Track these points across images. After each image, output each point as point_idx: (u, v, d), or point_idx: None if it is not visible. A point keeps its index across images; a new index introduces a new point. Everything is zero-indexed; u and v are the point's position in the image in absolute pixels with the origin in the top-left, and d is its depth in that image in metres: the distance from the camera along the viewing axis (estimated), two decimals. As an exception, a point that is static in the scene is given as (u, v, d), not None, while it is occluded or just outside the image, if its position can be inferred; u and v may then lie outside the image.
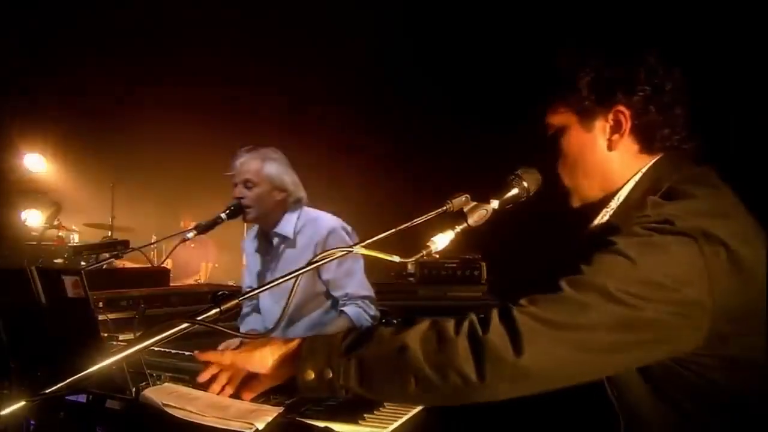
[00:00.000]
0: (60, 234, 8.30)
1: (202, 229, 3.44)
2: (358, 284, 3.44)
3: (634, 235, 1.57)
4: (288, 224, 3.49)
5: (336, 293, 3.42)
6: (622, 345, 1.52)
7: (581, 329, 1.51)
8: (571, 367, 1.53)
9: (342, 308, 3.38)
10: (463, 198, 1.93)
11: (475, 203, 1.92)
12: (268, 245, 3.57)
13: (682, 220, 1.55)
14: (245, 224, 5.91)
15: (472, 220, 1.90)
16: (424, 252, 1.90)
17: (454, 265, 5.63)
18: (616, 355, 1.54)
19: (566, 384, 1.55)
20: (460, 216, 1.91)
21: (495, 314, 1.59)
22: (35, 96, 8.62)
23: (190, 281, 8.15)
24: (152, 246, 6.68)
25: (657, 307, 1.50)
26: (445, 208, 1.94)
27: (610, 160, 1.82)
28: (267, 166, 3.44)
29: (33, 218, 8.98)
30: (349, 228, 3.54)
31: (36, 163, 9.86)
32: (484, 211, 1.91)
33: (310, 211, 3.61)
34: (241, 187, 3.45)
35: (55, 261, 7.76)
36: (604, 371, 1.64)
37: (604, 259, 1.56)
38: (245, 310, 3.71)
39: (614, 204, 1.82)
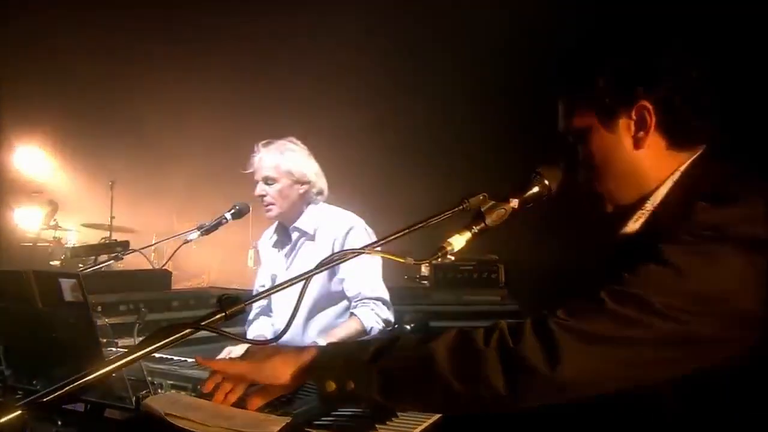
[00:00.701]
0: (56, 235, 8.36)
1: (206, 230, 3.46)
2: (373, 285, 3.45)
3: (681, 243, 1.54)
4: (309, 218, 3.56)
5: (350, 293, 3.44)
6: (667, 361, 1.51)
7: (624, 345, 1.49)
8: (610, 381, 1.53)
9: (353, 310, 3.39)
10: (480, 197, 1.91)
11: (493, 202, 1.89)
12: (287, 240, 3.62)
13: (732, 227, 1.52)
14: (251, 225, 5.93)
15: (490, 219, 1.87)
16: (439, 254, 1.89)
17: (471, 267, 5.61)
18: (659, 370, 1.53)
19: (599, 393, 1.55)
20: (477, 215, 1.89)
21: (528, 325, 1.57)
22: (29, 84, 8.65)
23: (194, 284, 8.18)
24: (153, 247, 6.70)
25: (705, 321, 1.49)
26: (461, 207, 1.92)
27: (639, 160, 1.78)
28: (286, 160, 3.49)
29: (28, 218, 8.99)
30: (369, 229, 3.57)
31: (30, 158, 9.88)
32: (503, 210, 1.88)
33: (331, 208, 3.68)
34: (262, 184, 3.48)
35: (52, 263, 7.83)
36: (643, 382, 1.62)
37: (649, 269, 1.53)
38: (254, 312, 3.71)
39: (649, 206, 1.78)
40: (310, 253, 3.53)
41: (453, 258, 6.15)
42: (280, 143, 3.55)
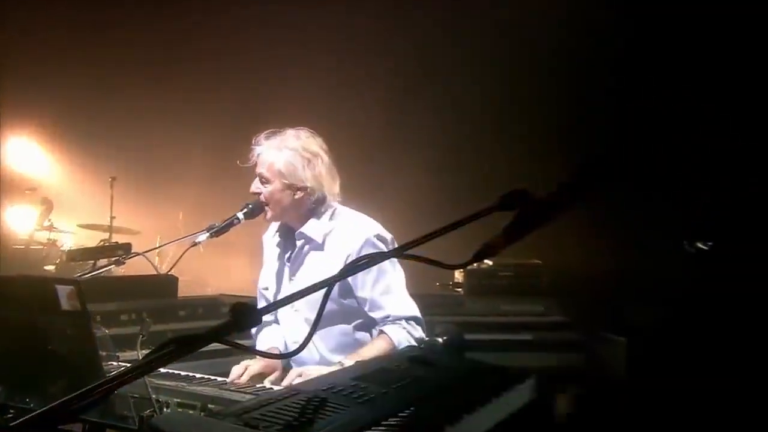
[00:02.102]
0: (51, 236, 8.44)
1: (216, 232, 3.45)
2: (400, 303, 3.38)
3: None
4: (315, 227, 3.45)
5: (375, 314, 3.37)
6: None
7: None
8: None
9: (382, 327, 3.34)
10: (519, 194, 1.90)
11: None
12: (291, 244, 3.55)
13: None
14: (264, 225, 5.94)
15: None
16: (475, 257, 1.86)
17: (510, 273, 5.59)
18: None
19: None
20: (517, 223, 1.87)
21: None
22: (21, 70, 8.74)
23: (202, 291, 8.23)
24: (158, 250, 6.73)
25: None
26: (498, 206, 1.90)
27: None
28: (281, 160, 3.37)
29: (20, 218, 9.08)
30: (388, 237, 3.44)
31: (22, 151, 9.97)
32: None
33: (344, 213, 3.54)
34: (257, 181, 3.43)
35: (46, 268, 7.91)
36: None
37: None
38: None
39: None
40: (318, 265, 3.43)
41: (490, 262, 6.16)
42: (283, 137, 3.42)
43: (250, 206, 3.48)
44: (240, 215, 3.47)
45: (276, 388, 2.70)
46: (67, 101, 9.04)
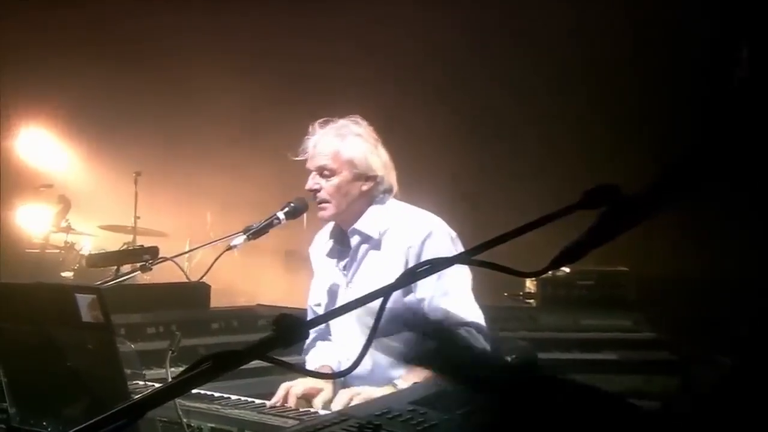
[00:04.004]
0: (69, 239, 8.56)
1: (254, 233, 3.47)
2: (463, 306, 3.39)
3: None
4: (372, 220, 3.47)
5: (433, 318, 3.39)
6: None
7: None
8: None
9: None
10: (606, 190, 1.87)
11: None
12: (345, 246, 3.57)
13: None
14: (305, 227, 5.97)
15: None
16: (553, 263, 1.84)
17: (591, 282, 5.54)
18: None
19: None
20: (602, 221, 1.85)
21: None
22: (37, 56, 8.90)
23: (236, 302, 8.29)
24: (188, 255, 6.80)
25: None
26: (579, 204, 1.88)
27: None
28: (348, 147, 3.43)
29: (34, 219, 9.20)
30: (452, 233, 3.50)
31: (37, 144, 10.12)
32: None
33: (401, 206, 3.59)
34: (316, 175, 3.45)
35: (63, 275, 8.03)
36: None
37: None
38: (309, 338, 3.72)
39: None
40: (375, 265, 3.47)
41: (568, 270, 6.11)
42: (341, 124, 3.49)
43: (293, 205, 3.50)
44: (281, 215, 3.50)
45: (324, 412, 2.71)
46: (85, 89, 9.16)
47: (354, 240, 3.51)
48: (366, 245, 3.49)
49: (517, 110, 8.00)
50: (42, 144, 10.14)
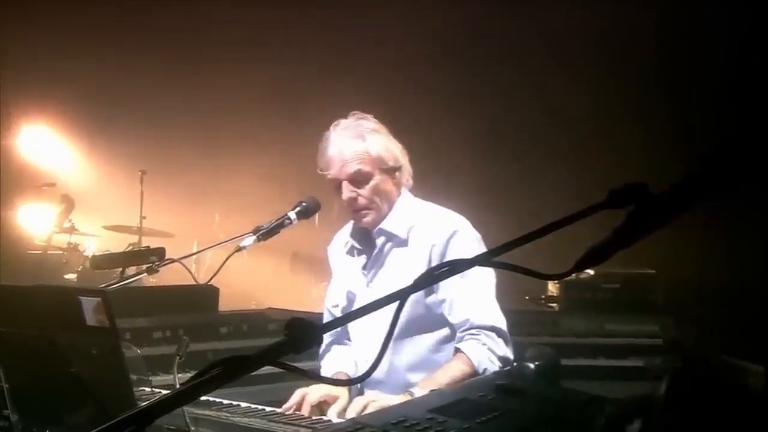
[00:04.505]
0: (72, 240, 8.59)
1: (265, 234, 3.48)
2: (485, 309, 3.39)
3: None
4: (400, 217, 3.50)
5: (454, 319, 3.39)
6: None
7: None
8: None
9: (459, 345, 3.34)
10: (634, 188, 1.86)
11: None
12: (369, 246, 3.58)
13: None
14: (317, 227, 5.98)
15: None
16: (577, 266, 1.83)
17: (617, 286, 5.52)
18: None
19: None
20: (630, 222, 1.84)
21: None
22: (39, 50, 8.93)
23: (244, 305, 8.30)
24: (195, 256, 6.82)
25: None
26: (606, 203, 1.87)
27: None
28: (372, 145, 3.43)
29: (36, 219, 9.23)
30: (477, 234, 3.51)
31: (39, 142, 10.13)
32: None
33: (427, 205, 3.62)
34: (349, 185, 3.44)
35: (66, 277, 8.06)
36: None
37: None
38: (325, 342, 3.71)
39: None
40: (400, 263, 3.48)
41: (592, 272, 6.10)
42: (355, 124, 3.49)
43: (305, 204, 3.51)
44: (292, 215, 3.50)
45: (337, 420, 2.71)
46: (89, 84, 9.20)
47: (380, 240, 3.53)
48: (391, 243, 3.51)
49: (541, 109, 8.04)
50: (44, 141, 10.16)
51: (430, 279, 1.76)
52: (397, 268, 3.47)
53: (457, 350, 3.33)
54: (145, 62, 9.16)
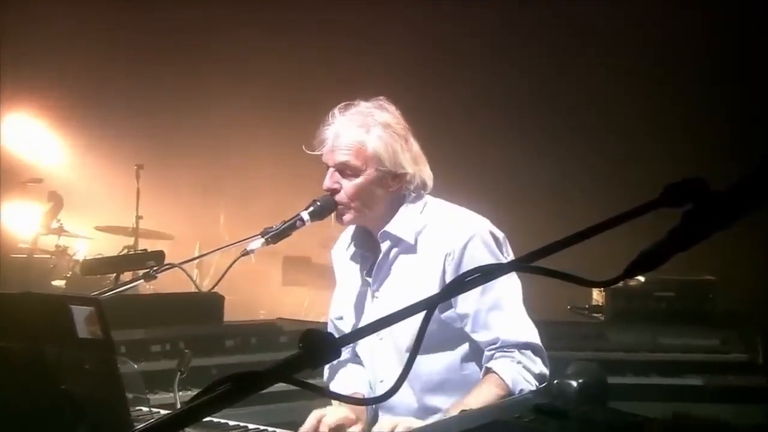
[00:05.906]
0: (61, 242, 8.63)
1: (275, 236, 3.48)
2: (515, 324, 3.36)
3: None
4: (406, 222, 3.44)
5: (480, 336, 3.35)
6: None
7: None
8: None
9: (488, 363, 3.32)
10: (692, 185, 1.86)
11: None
12: (370, 250, 3.55)
13: None
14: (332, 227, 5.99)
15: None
16: (627, 271, 1.83)
17: (671, 294, 5.50)
18: None
19: None
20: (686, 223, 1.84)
21: None
22: (26, 34, 9.00)
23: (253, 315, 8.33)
24: (197, 261, 6.85)
25: None
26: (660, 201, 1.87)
27: None
28: (374, 139, 3.37)
29: (21, 218, 9.27)
30: (500, 235, 3.46)
31: (25, 133, 10.19)
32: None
33: (439, 205, 3.55)
34: (335, 173, 3.42)
35: (54, 283, 8.09)
36: None
37: None
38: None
39: None
40: (408, 272, 3.41)
41: (643, 279, 6.09)
42: (366, 110, 3.39)
43: (318, 204, 3.47)
44: (305, 215, 3.47)
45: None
46: (81, 72, 9.30)
47: (385, 245, 3.48)
48: (397, 248, 3.47)
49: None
50: (31, 133, 10.22)
51: (460, 287, 1.75)
52: (405, 277, 3.41)
53: (488, 370, 3.28)
54: (144, 50, 9.27)
